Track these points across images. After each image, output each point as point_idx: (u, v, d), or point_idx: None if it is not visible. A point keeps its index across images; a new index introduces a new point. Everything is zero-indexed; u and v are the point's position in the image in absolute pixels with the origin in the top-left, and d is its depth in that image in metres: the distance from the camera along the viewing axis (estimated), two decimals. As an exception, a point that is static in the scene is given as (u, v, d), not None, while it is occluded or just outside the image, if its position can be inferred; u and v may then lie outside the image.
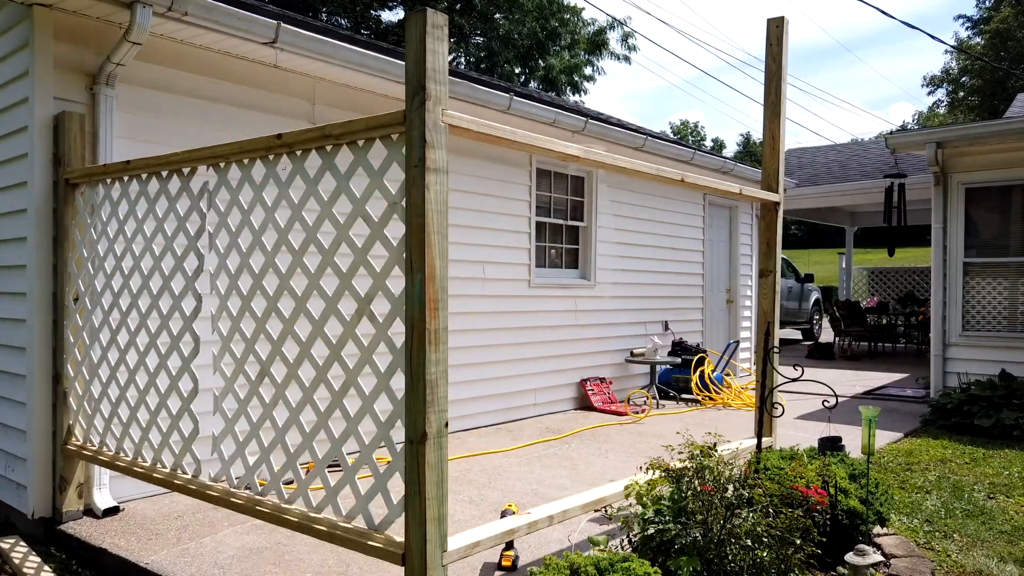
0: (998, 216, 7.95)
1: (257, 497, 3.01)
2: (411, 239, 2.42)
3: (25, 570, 3.51)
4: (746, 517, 2.85)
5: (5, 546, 3.79)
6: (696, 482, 2.96)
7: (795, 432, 6.40)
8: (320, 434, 2.86)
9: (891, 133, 8.56)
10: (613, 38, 26.53)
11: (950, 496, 4.75)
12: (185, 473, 3.39)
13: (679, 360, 8.40)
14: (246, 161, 3.08)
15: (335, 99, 5.34)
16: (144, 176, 3.58)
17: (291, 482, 3.62)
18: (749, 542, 2.78)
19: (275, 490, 2.96)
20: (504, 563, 3.33)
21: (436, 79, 2.39)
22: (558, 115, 6.72)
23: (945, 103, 50.88)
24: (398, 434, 2.51)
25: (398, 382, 2.53)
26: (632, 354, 8.28)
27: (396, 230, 2.44)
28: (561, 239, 7.68)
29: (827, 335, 16.74)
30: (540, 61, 25.53)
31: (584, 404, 7.69)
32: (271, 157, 2.98)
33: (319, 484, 3.27)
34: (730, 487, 2.97)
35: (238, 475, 3.15)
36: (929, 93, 62.63)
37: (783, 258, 11.89)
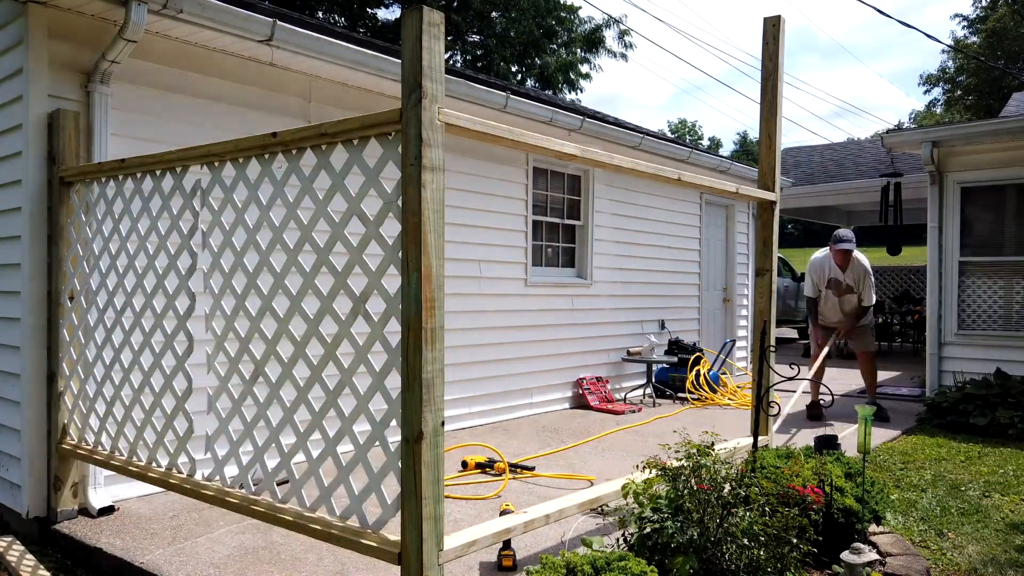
0: (994, 215, 7.97)
1: (254, 497, 3.00)
2: (407, 238, 2.41)
3: (22, 571, 3.49)
4: (743, 516, 2.85)
5: (1, 546, 3.77)
6: (693, 481, 2.96)
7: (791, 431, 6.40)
8: (315, 434, 2.85)
9: (887, 132, 8.57)
10: (610, 36, 26.56)
11: (945, 494, 4.76)
12: (180, 472, 3.38)
13: (675, 359, 8.40)
14: (241, 160, 3.08)
15: (331, 97, 5.33)
16: (139, 174, 3.57)
17: (286, 481, 3.61)
18: (746, 541, 2.78)
19: (268, 489, 2.95)
20: (505, 564, 3.33)
21: (432, 77, 2.38)
22: (555, 114, 6.72)
23: (941, 102, 51.00)
24: (392, 434, 2.51)
25: (392, 381, 2.53)
26: (628, 353, 8.28)
27: (391, 229, 2.43)
28: (558, 238, 7.68)
29: (823, 334, 16.72)
30: (536, 59, 25.52)
31: (581, 403, 7.70)
32: (266, 155, 2.97)
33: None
34: (727, 486, 2.97)
35: (232, 475, 3.15)
36: (925, 92, 62.73)
37: (779, 257, 11.89)
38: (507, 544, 3.35)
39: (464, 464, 5.04)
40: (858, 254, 7.14)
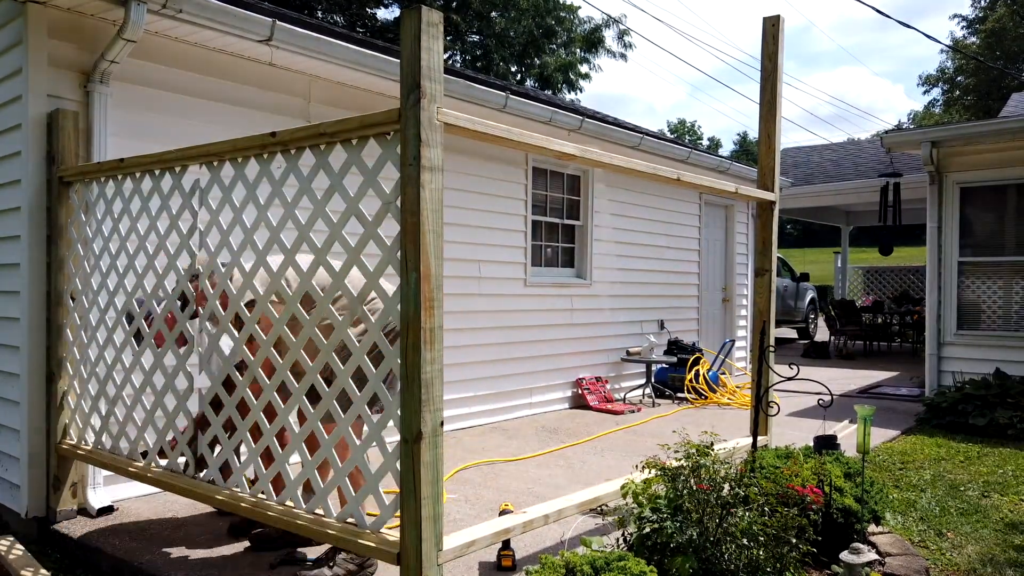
0: (993, 215, 7.97)
1: (252, 497, 3.00)
2: (406, 238, 2.41)
3: (23, 573, 3.48)
4: (742, 516, 2.85)
5: (2, 547, 3.77)
6: (692, 481, 2.96)
7: (790, 431, 6.40)
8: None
9: (887, 132, 8.57)
10: (609, 36, 26.58)
11: (944, 494, 4.76)
12: (179, 472, 3.38)
13: (675, 359, 8.40)
14: (240, 159, 3.07)
15: (330, 97, 5.33)
16: (138, 174, 3.57)
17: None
18: (745, 541, 2.78)
19: (263, 490, 2.95)
20: (504, 564, 3.32)
21: (431, 77, 2.38)
22: (554, 114, 6.72)
23: (940, 102, 51.03)
24: (389, 434, 2.51)
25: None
26: (628, 353, 8.28)
27: (389, 229, 2.43)
28: (557, 238, 7.68)
29: (822, 334, 16.76)
30: (536, 59, 25.53)
31: (580, 403, 7.69)
32: (265, 155, 2.97)
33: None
34: (726, 486, 2.97)
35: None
36: (925, 92, 62.85)
37: (779, 257, 11.91)
38: (506, 544, 3.35)
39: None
40: None
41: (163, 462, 3.47)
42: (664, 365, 8.45)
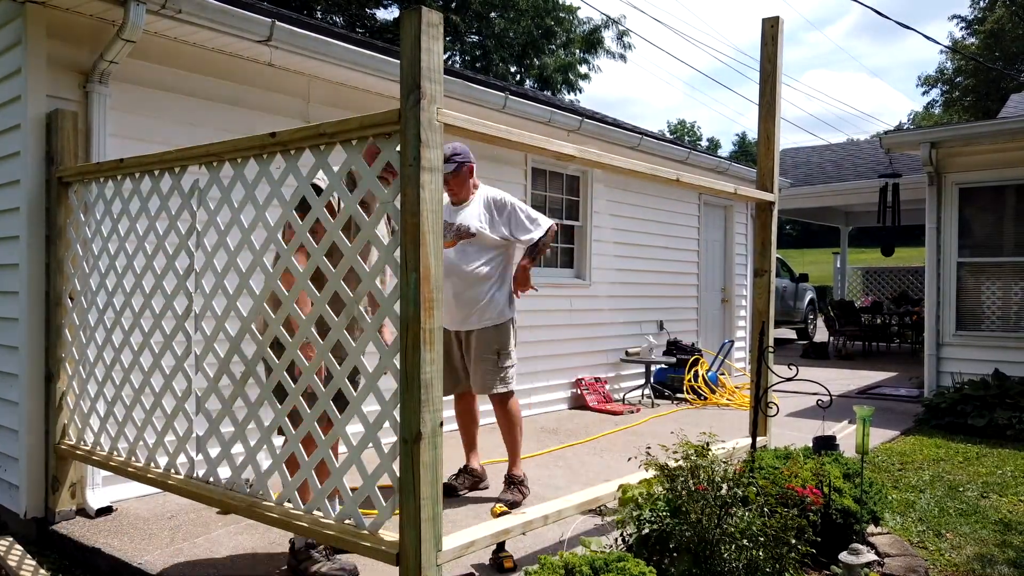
0: (992, 216, 7.97)
1: (251, 498, 2.99)
2: (406, 238, 2.41)
3: (22, 573, 3.48)
4: (741, 516, 2.85)
5: (2, 548, 3.76)
6: (691, 481, 2.96)
7: (789, 431, 6.40)
8: (307, 435, 2.83)
9: (886, 133, 8.57)
10: (608, 36, 26.62)
11: (944, 495, 4.76)
12: (178, 473, 3.37)
13: (674, 360, 8.40)
14: (239, 160, 3.07)
15: (330, 97, 5.32)
16: (137, 175, 3.56)
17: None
18: (744, 541, 2.78)
19: (263, 490, 2.95)
20: (506, 564, 3.32)
21: (431, 78, 2.38)
22: (553, 114, 6.72)
23: (940, 103, 51.07)
24: (385, 435, 2.51)
25: (385, 382, 2.52)
26: (627, 354, 8.28)
27: (386, 229, 2.42)
28: (556, 238, 7.68)
29: (822, 335, 16.75)
30: (535, 60, 25.56)
31: (579, 403, 7.69)
32: (265, 156, 2.96)
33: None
34: (725, 486, 2.98)
35: (225, 476, 3.14)
36: (924, 93, 62.91)
37: (778, 257, 11.90)
38: (501, 547, 3.35)
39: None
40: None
41: (162, 461, 3.47)
42: (663, 366, 8.45)
